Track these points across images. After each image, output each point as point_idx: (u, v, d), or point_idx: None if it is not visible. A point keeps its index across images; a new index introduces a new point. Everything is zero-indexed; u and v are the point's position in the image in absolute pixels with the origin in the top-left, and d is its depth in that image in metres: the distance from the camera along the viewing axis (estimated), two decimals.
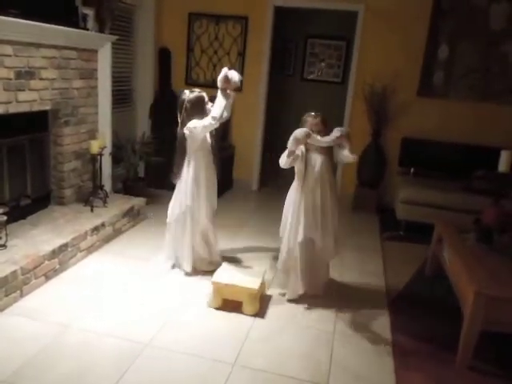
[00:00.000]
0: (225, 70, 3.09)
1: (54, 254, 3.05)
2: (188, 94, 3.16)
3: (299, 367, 2.40)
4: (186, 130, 3.10)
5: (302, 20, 6.67)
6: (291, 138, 2.79)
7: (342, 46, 6.68)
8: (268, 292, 3.12)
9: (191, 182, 3.22)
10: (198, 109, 3.12)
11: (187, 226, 3.27)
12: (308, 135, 2.80)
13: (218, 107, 3.05)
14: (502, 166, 3.32)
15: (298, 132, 2.80)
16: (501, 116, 4.87)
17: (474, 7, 4.76)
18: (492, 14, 4.73)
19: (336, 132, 2.88)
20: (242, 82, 3.31)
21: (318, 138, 2.86)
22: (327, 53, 6.83)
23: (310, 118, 2.93)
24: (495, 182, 3.64)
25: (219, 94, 3.07)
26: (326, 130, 2.90)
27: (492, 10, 4.72)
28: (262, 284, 2.96)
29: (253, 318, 2.80)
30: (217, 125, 3.08)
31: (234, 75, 3.08)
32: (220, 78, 3.07)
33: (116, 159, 4.57)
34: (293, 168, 2.98)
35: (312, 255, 3.01)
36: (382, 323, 2.90)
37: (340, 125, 5.24)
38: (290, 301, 3.03)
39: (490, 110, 4.90)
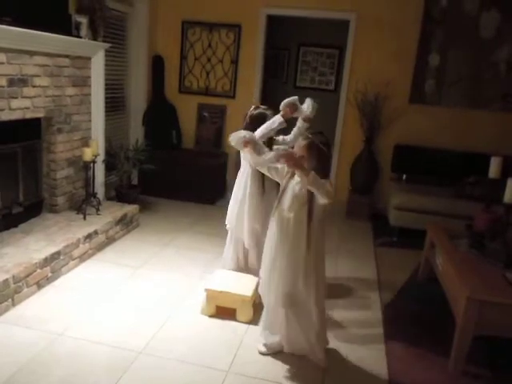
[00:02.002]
0: (295, 98, 2.94)
1: (46, 262, 3.03)
2: (251, 110, 3.12)
3: (294, 374, 2.39)
4: None
5: (295, 28, 6.73)
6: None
7: (335, 54, 6.73)
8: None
9: (235, 195, 3.12)
10: (257, 125, 2.97)
11: (232, 240, 3.21)
12: (248, 142, 2.27)
13: (262, 128, 2.87)
14: (492, 172, 3.34)
15: (232, 136, 2.35)
16: (491, 123, 4.93)
17: (465, 16, 4.82)
18: (482, 22, 4.80)
19: (275, 151, 2.25)
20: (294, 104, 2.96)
21: (263, 152, 2.29)
22: (320, 61, 6.88)
23: (303, 137, 2.30)
24: (487, 188, 3.67)
25: (277, 116, 2.92)
26: (310, 159, 2.20)
27: (482, 18, 4.79)
28: (256, 291, 2.95)
29: (246, 326, 2.79)
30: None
31: (308, 103, 2.94)
32: (285, 101, 2.94)
33: (109, 166, 4.57)
34: None
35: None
36: (376, 329, 2.90)
37: (333, 132, 5.31)
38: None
39: (481, 116, 4.95)
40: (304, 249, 2.25)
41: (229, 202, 3.20)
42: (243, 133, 2.31)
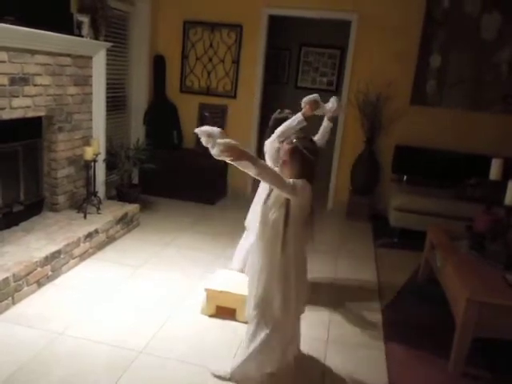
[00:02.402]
0: (316, 95, 2.91)
1: (47, 260, 3.04)
2: (276, 113, 3.10)
3: (293, 375, 2.39)
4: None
5: (297, 28, 6.73)
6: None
7: (337, 54, 6.73)
8: None
9: (260, 196, 3.06)
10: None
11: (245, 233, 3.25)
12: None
13: (281, 127, 2.84)
14: (493, 174, 3.34)
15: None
16: (492, 124, 4.92)
17: (466, 17, 4.82)
18: (483, 24, 4.80)
19: (217, 146, 1.90)
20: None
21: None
22: (321, 61, 6.88)
23: (288, 142, 2.20)
24: (487, 190, 3.67)
25: (298, 114, 2.87)
26: (291, 164, 2.13)
27: (484, 20, 4.79)
28: None
29: (246, 326, 2.79)
30: (276, 144, 2.87)
31: (333, 101, 2.94)
32: (306, 98, 2.90)
33: (110, 166, 4.57)
34: None
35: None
36: (375, 330, 2.90)
37: (333, 132, 5.30)
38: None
39: (482, 118, 4.95)
40: (279, 251, 2.14)
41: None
42: (205, 127, 1.97)
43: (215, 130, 1.93)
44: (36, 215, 3.65)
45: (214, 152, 1.90)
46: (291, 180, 2.06)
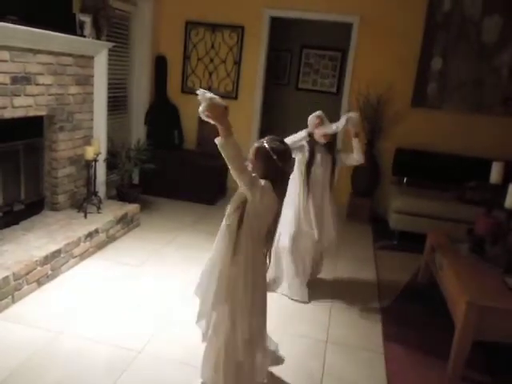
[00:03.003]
0: (319, 112, 3.06)
1: (47, 259, 3.04)
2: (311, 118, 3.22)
3: (292, 377, 2.39)
4: None
5: (298, 30, 6.74)
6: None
7: (338, 56, 6.74)
8: None
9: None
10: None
11: None
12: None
13: (288, 139, 2.80)
14: (494, 177, 3.34)
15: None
16: (493, 127, 4.93)
17: (467, 20, 4.83)
18: (484, 27, 4.81)
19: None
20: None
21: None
22: (322, 63, 6.89)
23: (257, 141, 2.04)
24: (488, 193, 3.67)
25: (303, 131, 3.03)
26: (256, 164, 1.96)
27: (485, 23, 4.80)
28: None
29: None
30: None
31: (342, 119, 3.07)
32: (310, 116, 3.07)
33: (110, 165, 4.57)
34: None
35: None
36: (375, 332, 2.90)
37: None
38: None
39: (483, 121, 4.95)
40: (230, 255, 1.98)
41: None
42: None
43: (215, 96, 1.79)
44: (36, 214, 3.65)
45: (200, 108, 1.75)
46: (254, 174, 1.89)
